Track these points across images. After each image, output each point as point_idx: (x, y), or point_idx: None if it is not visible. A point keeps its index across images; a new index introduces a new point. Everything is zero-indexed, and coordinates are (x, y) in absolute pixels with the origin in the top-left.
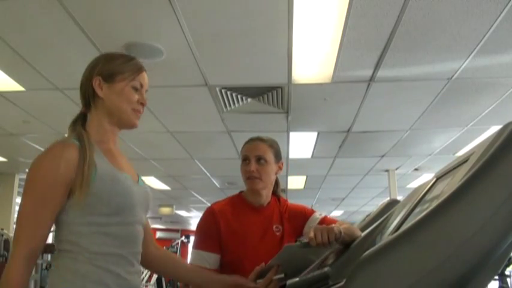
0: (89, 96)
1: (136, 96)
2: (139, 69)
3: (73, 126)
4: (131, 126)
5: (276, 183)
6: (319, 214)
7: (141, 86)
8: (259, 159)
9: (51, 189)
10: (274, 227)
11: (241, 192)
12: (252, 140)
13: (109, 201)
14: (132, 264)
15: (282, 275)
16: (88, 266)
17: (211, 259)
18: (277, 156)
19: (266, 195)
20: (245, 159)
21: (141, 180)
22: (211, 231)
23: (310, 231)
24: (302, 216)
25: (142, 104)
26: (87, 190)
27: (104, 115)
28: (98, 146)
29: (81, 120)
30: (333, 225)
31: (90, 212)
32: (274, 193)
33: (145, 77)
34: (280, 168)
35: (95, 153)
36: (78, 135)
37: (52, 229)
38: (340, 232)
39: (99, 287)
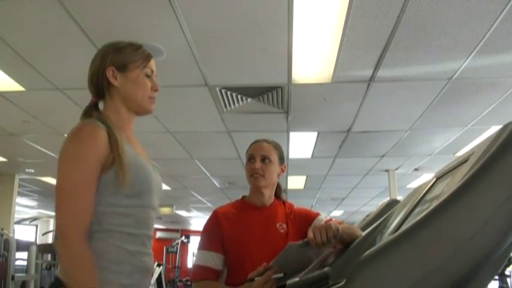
0: (102, 86)
1: (149, 84)
2: (149, 57)
3: (87, 114)
4: (147, 112)
5: (279, 187)
6: (324, 216)
7: (152, 72)
8: (264, 158)
9: (95, 164)
10: (277, 224)
11: (243, 196)
12: (257, 141)
13: (134, 184)
14: (146, 246)
15: (281, 275)
16: (104, 244)
17: (215, 259)
18: (281, 158)
19: (268, 196)
20: (250, 159)
21: (154, 167)
22: (214, 232)
23: (309, 231)
24: (307, 218)
25: (156, 90)
26: (128, 171)
27: (120, 103)
28: (119, 131)
29: (93, 110)
30: (330, 222)
31: (114, 193)
32: (278, 197)
33: (154, 64)
34: (282, 170)
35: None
36: (100, 120)
37: (50, 228)
38: (338, 229)
39: (115, 265)
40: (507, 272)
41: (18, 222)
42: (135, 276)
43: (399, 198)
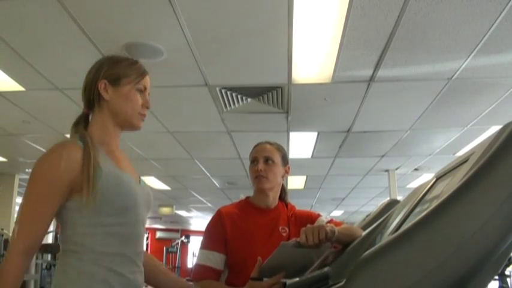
0: (93, 98)
1: (140, 100)
2: (144, 73)
3: (75, 128)
4: (135, 128)
5: (283, 189)
6: (325, 217)
7: (145, 89)
8: (267, 160)
9: (50, 188)
10: (280, 228)
11: (247, 197)
12: (260, 144)
13: (114, 201)
14: (136, 264)
15: (291, 280)
16: (92, 265)
17: (216, 258)
18: (284, 159)
19: (273, 198)
20: (254, 161)
21: (142, 181)
22: (217, 232)
23: (301, 232)
24: (308, 220)
25: (147, 108)
26: (94, 190)
27: (108, 116)
28: (102, 147)
29: (83, 121)
30: (326, 223)
31: (95, 213)
32: (282, 200)
33: (148, 81)
34: (286, 172)
35: (99, 154)
36: (81, 136)
37: (50, 229)
38: (334, 232)
39: (104, 287)
40: (507, 272)
41: None
42: None
43: (399, 198)
